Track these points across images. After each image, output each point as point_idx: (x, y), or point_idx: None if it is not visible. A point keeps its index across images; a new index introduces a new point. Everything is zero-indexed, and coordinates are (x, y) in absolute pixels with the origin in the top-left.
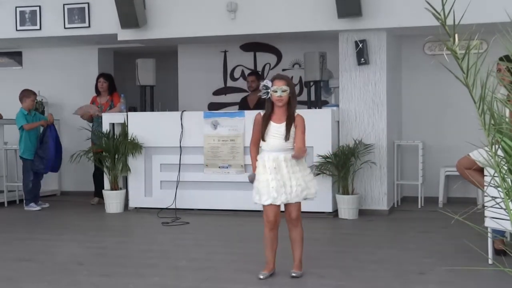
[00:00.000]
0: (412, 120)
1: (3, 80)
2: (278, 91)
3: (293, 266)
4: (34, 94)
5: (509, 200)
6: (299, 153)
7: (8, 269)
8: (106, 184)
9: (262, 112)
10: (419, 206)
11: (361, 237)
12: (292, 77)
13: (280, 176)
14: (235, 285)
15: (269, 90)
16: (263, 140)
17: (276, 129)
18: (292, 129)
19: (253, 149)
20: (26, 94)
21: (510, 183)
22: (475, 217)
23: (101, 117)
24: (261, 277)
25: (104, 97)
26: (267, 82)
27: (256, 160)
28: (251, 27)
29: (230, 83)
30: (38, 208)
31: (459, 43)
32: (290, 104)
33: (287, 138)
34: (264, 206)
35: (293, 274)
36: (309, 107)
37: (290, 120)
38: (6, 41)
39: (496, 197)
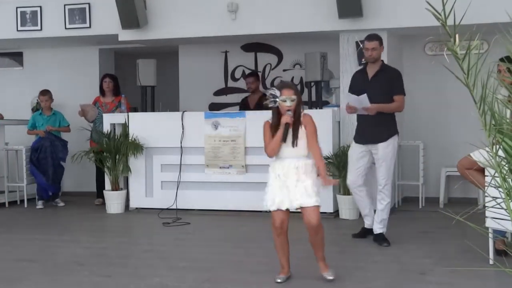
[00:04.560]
0: (413, 120)
1: (4, 81)
2: (287, 100)
3: (320, 269)
4: (41, 94)
5: (510, 201)
6: (324, 174)
7: (8, 269)
8: (107, 184)
9: (270, 121)
10: (420, 207)
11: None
12: (293, 77)
13: (285, 183)
14: (235, 286)
15: (277, 99)
16: None
17: (288, 133)
18: (301, 131)
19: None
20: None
21: (511, 184)
22: (476, 217)
23: None
24: (279, 280)
25: (109, 97)
26: (274, 91)
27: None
28: (251, 27)
29: (231, 84)
30: (39, 206)
31: (460, 43)
32: (296, 112)
33: (294, 143)
34: (271, 212)
35: (329, 278)
36: (310, 107)
37: (297, 123)
38: (7, 41)
39: (497, 198)
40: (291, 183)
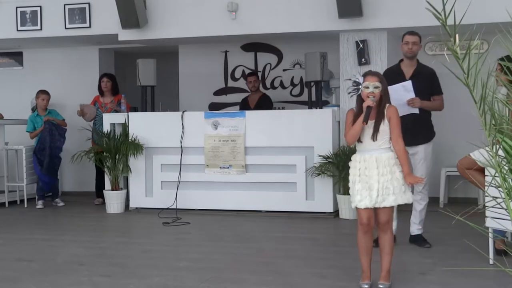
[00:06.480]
0: None
1: (3, 81)
2: (370, 87)
3: (379, 277)
4: (42, 92)
5: (510, 200)
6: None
7: (9, 269)
8: (107, 184)
9: (355, 109)
10: None
11: None
12: (293, 77)
13: (367, 178)
14: (235, 286)
15: (360, 86)
16: (359, 141)
17: (369, 126)
18: (383, 125)
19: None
20: (36, 94)
21: (511, 183)
22: (476, 217)
23: None
24: (366, 286)
25: (108, 97)
26: (357, 78)
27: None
28: (251, 27)
29: (230, 83)
30: (39, 206)
31: (460, 43)
32: (381, 102)
33: (374, 137)
34: (357, 208)
35: (380, 286)
36: (310, 107)
37: (380, 116)
38: (7, 41)
39: (497, 197)
40: (372, 177)
